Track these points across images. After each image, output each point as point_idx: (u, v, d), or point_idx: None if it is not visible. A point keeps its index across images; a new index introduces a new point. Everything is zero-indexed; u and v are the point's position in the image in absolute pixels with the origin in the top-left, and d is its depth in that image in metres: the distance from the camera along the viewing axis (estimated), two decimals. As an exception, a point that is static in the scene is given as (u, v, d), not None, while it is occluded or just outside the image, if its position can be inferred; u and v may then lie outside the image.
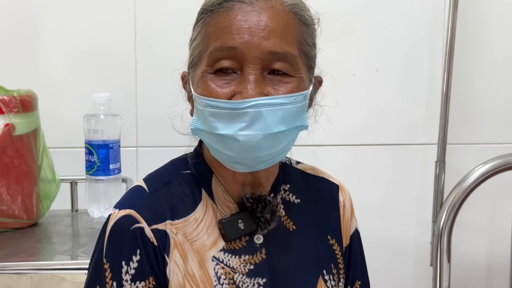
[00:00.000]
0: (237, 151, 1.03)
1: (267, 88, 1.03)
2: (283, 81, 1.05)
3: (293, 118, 1.05)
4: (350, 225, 1.25)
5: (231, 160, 1.06)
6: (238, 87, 1.03)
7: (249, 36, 1.02)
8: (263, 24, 1.03)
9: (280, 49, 1.03)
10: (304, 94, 1.06)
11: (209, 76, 1.05)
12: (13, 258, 1.51)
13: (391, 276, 2.08)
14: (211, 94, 1.03)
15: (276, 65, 1.04)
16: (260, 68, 1.03)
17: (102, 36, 1.96)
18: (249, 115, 1.01)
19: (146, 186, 1.12)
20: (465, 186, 1.84)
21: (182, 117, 1.17)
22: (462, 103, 2.04)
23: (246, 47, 1.02)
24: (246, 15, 1.03)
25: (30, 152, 1.71)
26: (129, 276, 1.05)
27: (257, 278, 1.11)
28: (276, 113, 1.02)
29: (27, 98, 1.70)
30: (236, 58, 1.03)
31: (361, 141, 2.06)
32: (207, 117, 1.04)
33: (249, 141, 1.02)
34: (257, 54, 1.02)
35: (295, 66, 1.05)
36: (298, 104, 1.05)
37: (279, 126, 1.03)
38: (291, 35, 1.06)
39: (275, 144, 1.04)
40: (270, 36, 1.03)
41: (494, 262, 2.11)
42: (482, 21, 2.03)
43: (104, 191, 1.79)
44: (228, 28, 1.03)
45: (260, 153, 1.04)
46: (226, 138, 1.03)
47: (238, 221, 1.10)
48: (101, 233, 1.10)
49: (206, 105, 1.03)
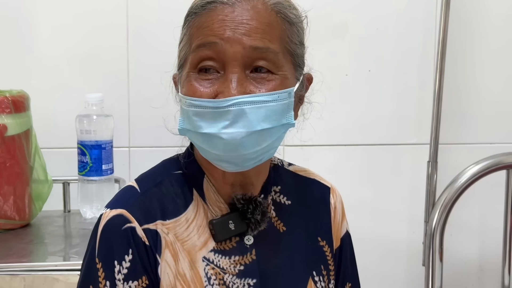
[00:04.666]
0: (222, 149, 1.04)
1: (249, 86, 1.04)
2: (266, 79, 1.05)
3: (277, 116, 1.05)
4: (341, 227, 1.25)
5: (218, 159, 1.06)
6: (221, 86, 1.03)
7: (230, 32, 1.03)
8: (245, 21, 1.04)
9: (262, 44, 1.04)
10: (288, 91, 1.06)
11: (193, 76, 1.06)
12: (6, 259, 1.51)
13: (383, 276, 2.08)
14: (195, 94, 1.04)
15: (259, 63, 1.04)
16: (242, 65, 1.03)
17: (94, 37, 1.96)
18: (231, 113, 1.01)
19: (137, 186, 1.13)
20: (457, 186, 1.84)
21: (175, 117, 1.17)
22: (454, 103, 2.04)
23: (227, 42, 1.03)
24: (228, 15, 1.04)
25: (22, 153, 1.71)
26: (121, 275, 1.06)
27: (247, 279, 1.11)
28: (259, 110, 1.03)
29: (19, 99, 1.70)
30: (218, 55, 1.03)
31: (353, 141, 2.06)
32: (191, 117, 1.04)
33: (232, 139, 1.02)
34: (239, 49, 1.03)
35: (277, 63, 1.05)
36: (281, 102, 1.05)
37: (263, 124, 1.03)
38: (273, 33, 1.06)
39: (259, 141, 1.04)
40: (251, 33, 1.03)
41: (485, 262, 2.12)
42: (474, 21, 2.04)
43: (97, 192, 1.79)
44: (209, 26, 1.04)
45: (245, 150, 1.04)
46: (211, 137, 1.03)
47: (229, 222, 1.11)
48: (93, 233, 1.10)
49: (190, 104, 1.04)
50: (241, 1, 1.05)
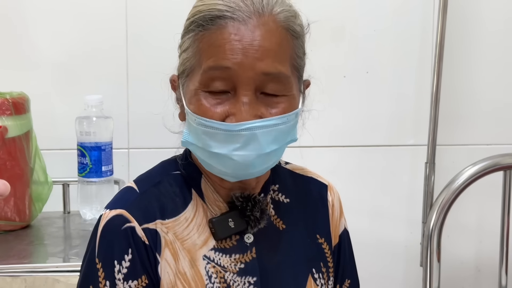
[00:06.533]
0: (230, 167, 1.05)
1: (260, 109, 1.04)
2: (275, 101, 1.06)
3: (285, 136, 1.07)
4: (339, 224, 1.26)
5: (222, 173, 1.08)
6: (232, 108, 1.04)
7: (242, 56, 1.02)
8: (257, 44, 1.03)
9: (274, 69, 1.04)
10: (296, 112, 1.08)
11: (203, 95, 1.05)
12: (6, 261, 1.51)
13: (381, 277, 2.09)
14: (205, 114, 1.04)
15: (269, 87, 1.05)
16: (253, 89, 1.04)
17: (94, 38, 1.96)
18: (243, 137, 1.02)
19: (136, 186, 1.13)
20: (454, 187, 1.85)
21: (173, 115, 1.18)
22: (451, 104, 2.05)
23: (240, 67, 1.03)
24: (239, 34, 1.03)
25: (23, 155, 1.71)
26: (121, 275, 1.06)
27: (247, 277, 1.12)
28: (270, 134, 1.04)
29: (20, 101, 1.71)
30: (230, 78, 1.03)
31: (351, 142, 2.07)
32: (200, 135, 1.05)
33: (243, 161, 1.04)
34: (251, 74, 1.03)
35: (287, 85, 1.06)
36: (290, 123, 1.07)
37: (271, 146, 1.05)
38: (284, 53, 1.06)
39: (267, 161, 1.07)
40: (263, 57, 1.03)
41: (482, 263, 2.12)
42: (471, 23, 2.05)
43: (96, 193, 1.79)
44: (221, 47, 1.03)
45: (253, 170, 1.06)
46: (220, 156, 1.04)
47: (228, 220, 1.11)
48: (92, 233, 1.11)
49: (200, 124, 1.04)
50: (251, 17, 1.04)
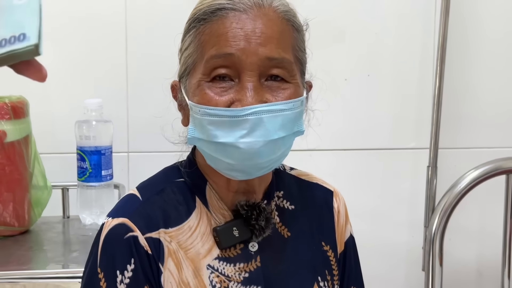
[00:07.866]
0: (237, 158, 1.03)
1: (265, 95, 1.03)
2: (281, 87, 1.05)
3: (291, 124, 1.05)
4: (344, 231, 1.24)
5: (230, 168, 1.05)
6: (237, 94, 1.03)
7: (245, 43, 1.02)
8: (259, 31, 1.03)
9: (277, 54, 1.04)
10: (301, 99, 1.06)
11: (206, 84, 1.04)
12: (6, 266, 1.50)
13: (383, 281, 2.08)
14: (210, 102, 1.03)
15: (273, 71, 1.04)
16: (258, 74, 1.03)
17: (93, 42, 1.95)
18: (249, 122, 1.01)
19: (139, 194, 1.12)
20: (457, 191, 1.84)
21: (172, 126, 1.17)
22: (453, 107, 2.04)
23: (243, 53, 1.02)
24: (241, 23, 1.03)
25: (22, 159, 1.70)
26: (123, 285, 1.05)
27: (252, 286, 1.10)
28: (276, 119, 1.02)
29: (19, 105, 1.69)
30: (233, 65, 1.03)
31: (352, 145, 2.06)
32: (205, 126, 1.03)
33: (250, 148, 1.02)
34: (254, 60, 1.02)
35: (291, 72, 1.06)
36: (296, 110, 1.05)
37: (279, 133, 1.03)
38: (286, 42, 1.06)
39: (274, 150, 1.04)
40: (266, 43, 1.03)
41: (484, 267, 2.12)
42: (473, 25, 2.04)
43: (96, 198, 1.78)
44: (223, 35, 1.03)
45: (261, 159, 1.04)
46: (227, 146, 1.02)
47: (233, 229, 1.10)
48: (94, 242, 1.10)
49: (204, 113, 1.03)
50: (252, 7, 1.04)
